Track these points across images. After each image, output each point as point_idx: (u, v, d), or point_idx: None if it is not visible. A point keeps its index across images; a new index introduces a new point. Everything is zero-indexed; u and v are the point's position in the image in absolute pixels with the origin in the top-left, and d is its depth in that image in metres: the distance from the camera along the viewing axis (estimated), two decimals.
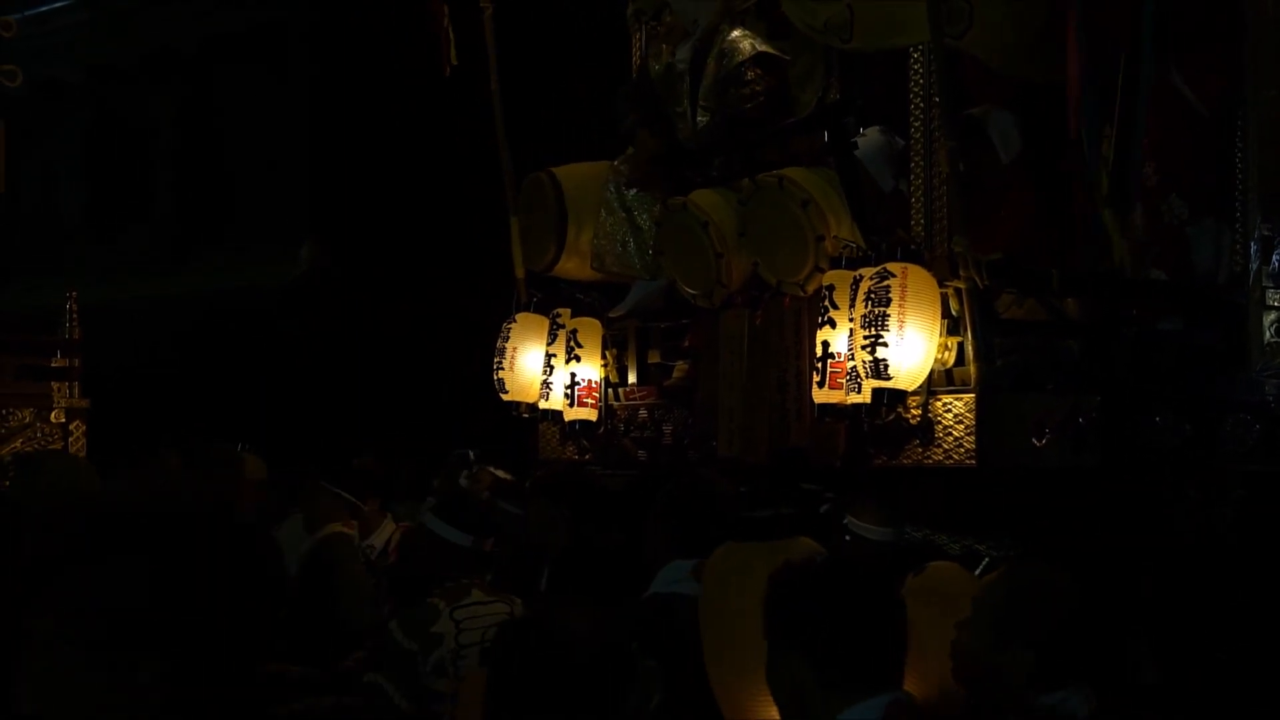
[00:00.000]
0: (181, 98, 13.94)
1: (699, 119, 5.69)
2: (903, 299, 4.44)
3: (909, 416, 4.64)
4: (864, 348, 4.48)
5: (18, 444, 6.22)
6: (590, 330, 5.91)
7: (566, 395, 5.89)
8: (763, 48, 5.51)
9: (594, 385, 5.88)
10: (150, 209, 14.24)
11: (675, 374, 5.82)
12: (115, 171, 14.50)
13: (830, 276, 4.80)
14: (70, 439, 6.35)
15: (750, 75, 5.49)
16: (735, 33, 5.56)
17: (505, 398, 6.22)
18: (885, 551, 4.20)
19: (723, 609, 3.33)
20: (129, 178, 14.38)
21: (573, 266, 6.22)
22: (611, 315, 6.07)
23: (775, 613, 2.34)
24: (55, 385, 6.40)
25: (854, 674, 2.26)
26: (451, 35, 6.42)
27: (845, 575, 2.42)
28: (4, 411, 6.24)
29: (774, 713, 2.81)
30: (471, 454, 6.20)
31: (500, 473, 6.16)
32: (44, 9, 13.78)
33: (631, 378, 5.95)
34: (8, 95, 7.35)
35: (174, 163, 14.03)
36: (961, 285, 4.54)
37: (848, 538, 4.18)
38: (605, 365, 5.92)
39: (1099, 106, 4.75)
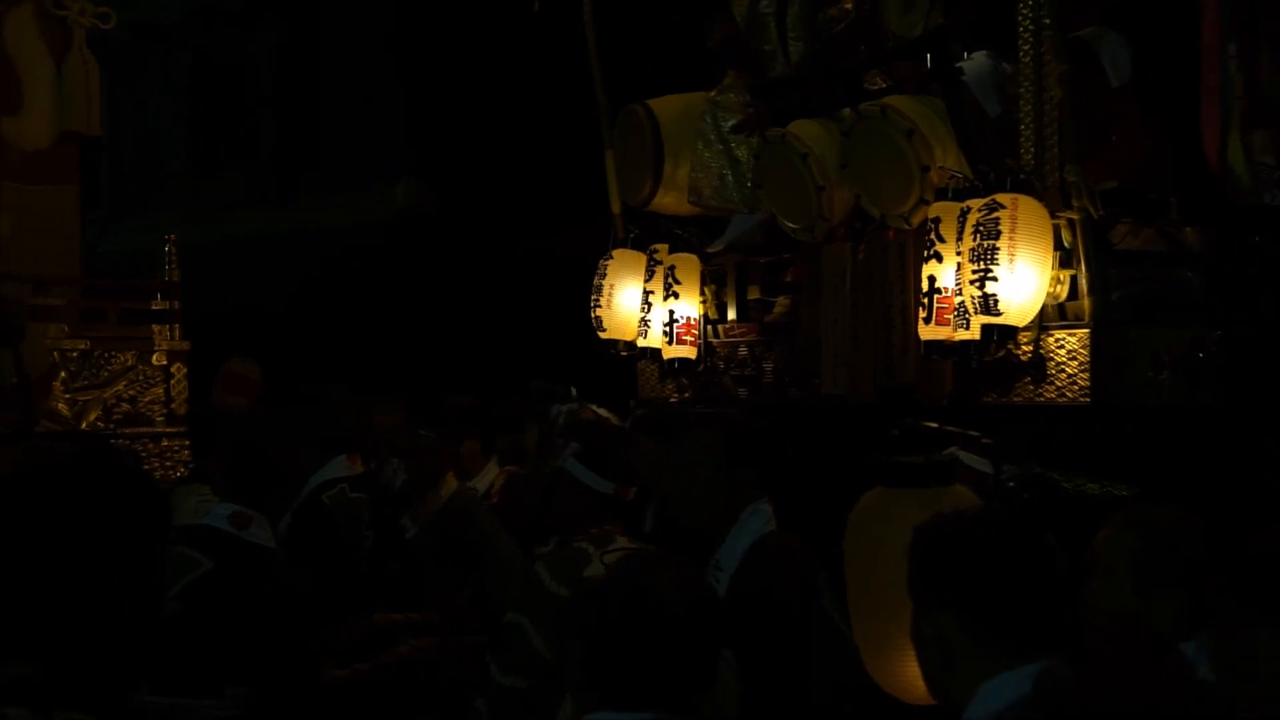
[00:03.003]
0: (278, 38, 13.98)
1: (791, 51, 5.54)
2: (1013, 231, 4.28)
3: (1020, 353, 4.49)
4: (973, 282, 4.34)
5: (120, 386, 6.27)
6: (688, 266, 5.81)
7: (665, 333, 5.80)
8: None
9: (693, 322, 5.78)
10: (251, 149, 14.34)
11: (776, 310, 5.70)
12: (215, 113, 14.61)
13: (936, 208, 4.64)
14: (172, 381, 6.39)
15: None
16: None
17: (603, 335, 6.15)
18: (1032, 499, 4.05)
19: (867, 558, 3.24)
20: (229, 119, 14.49)
21: (670, 201, 6.11)
22: (710, 250, 5.96)
23: (921, 567, 2.22)
24: (156, 328, 6.43)
25: (1006, 634, 2.12)
26: None
27: (1002, 528, 2.27)
28: (108, 355, 6.29)
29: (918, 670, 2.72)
30: (573, 390, 6.13)
31: (602, 411, 6.09)
32: None
33: (731, 314, 5.84)
34: (105, 38, 7.35)
35: (273, 103, 14.10)
36: (1075, 216, 4.38)
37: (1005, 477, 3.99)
38: (704, 302, 5.81)
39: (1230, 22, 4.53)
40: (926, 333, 4.64)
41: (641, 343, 5.95)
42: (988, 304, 4.31)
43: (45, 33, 6.79)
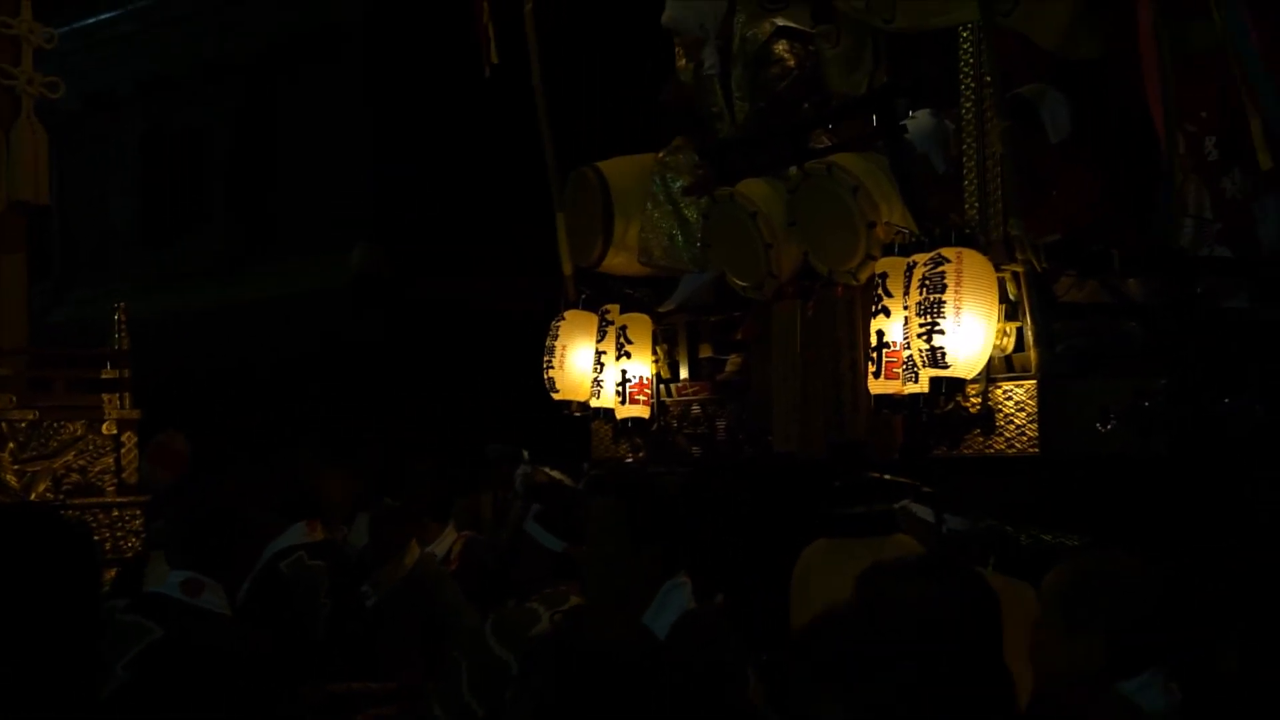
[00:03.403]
0: (233, 106, 13.96)
1: (737, 111, 5.61)
2: (959, 284, 4.33)
3: (968, 405, 4.53)
4: (920, 335, 4.37)
5: (70, 456, 6.19)
6: (640, 326, 5.82)
7: (618, 392, 5.81)
8: (783, 23, 5.45)
9: (645, 381, 5.79)
10: (204, 218, 14.28)
11: (728, 368, 5.72)
12: (169, 182, 14.55)
13: (883, 264, 4.69)
14: (122, 450, 6.31)
15: (777, 51, 5.43)
16: (751, 17, 5.50)
17: (556, 397, 6.14)
18: (971, 543, 4.06)
19: (812, 608, 3.23)
20: (182, 188, 14.43)
21: (620, 261, 6.14)
22: (661, 310, 5.98)
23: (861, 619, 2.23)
24: (106, 397, 6.37)
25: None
26: (492, 33, 6.36)
27: (940, 573, 2.29)
28: (56, 424, 6.22)
29: None
30: (525, 454, 6.12)
31: (555, 472, 6.08)
32: (90, 21, 13.83)
33: (683, 373, 5.85)
34: (55, 108, 7.34)
35: (227, 171, 14.05)
36: (1019, 269, 4.43)
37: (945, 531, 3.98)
38: (656, 361, 5.82)
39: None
40: (876, 387, 4.67)
41: (595, 403, 5.95)
42: (935, 357, 4.35)
43: None
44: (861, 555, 2.95)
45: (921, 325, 4.37)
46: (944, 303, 4.33)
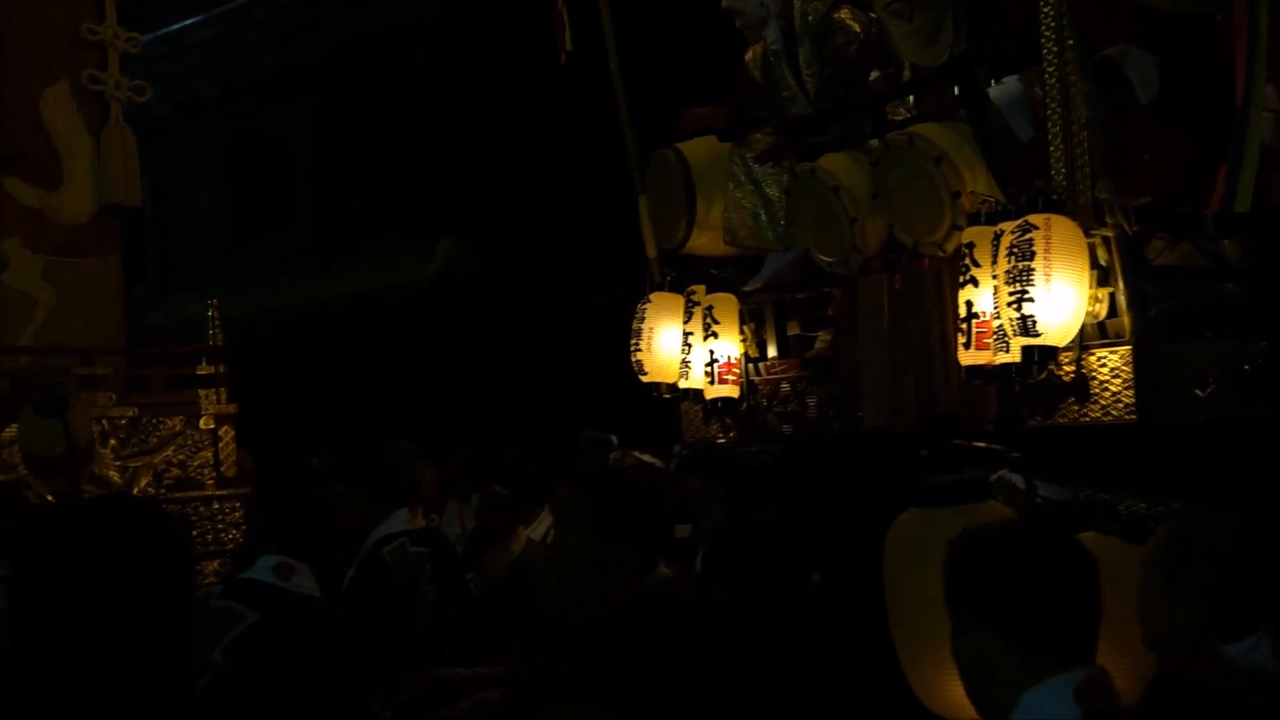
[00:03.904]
0: (313, 107, 14.15)
1: (808, 87, 5.57)
2: (1047, 251, 4.27)
3: (1062, 373, 4.46)
4: (1010, 304, 4.32)
5: (170, 451, 6.30)
6: (726, 306, 5.81)
7: (706, 373, 5.80)
8: None
9: (733, 361, 5.78)
10: (290, 218, 14.48)
11: (816, 345, 5.69)
12: (255, 183, 14.78)
13: (969, 233, 4.63)
14: (220, 444, 6.41)
15: (840, 19, 5.39)
16: None
17: (644, 379, 6.15)
18: (1067, 513, 4.01)
19: (905, 579, 3.21)
20: (267, 190, 14.65)
21: (704, 242, 6.13)
22: (747, 289, 5.97)
23: (957, 581, 2.19)
24: (202, 393, 6.47)
25: (1046, 644, 2.10)
26: (566, 20, 6.37)
27: (1037, 537, 2.26)
28: (155, 421, 6.32)
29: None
30: (614, 439, 6.15)
31: (645, 456, 6.10)
32: (175, 27, 14.06)
33: (771, 351, 5.83)
34: (144, 113, 7.46)
35: (308, 172, 14.25)
36: (1109, 233, 4.36)
37: (1038, 499, 3.93)
38: (744, 340, 5.81)
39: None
40: (967, 358, 4.62)
41: (683, 384, 5.95)
42: (1026, 325, 4.29)
43: (82, 107, 6.89)
44: (952, 523, 2.92)
45: (1011, 294, 4.31)
46: (1033, 270, 4.27)
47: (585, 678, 2.19)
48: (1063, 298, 4.28)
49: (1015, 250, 4.31)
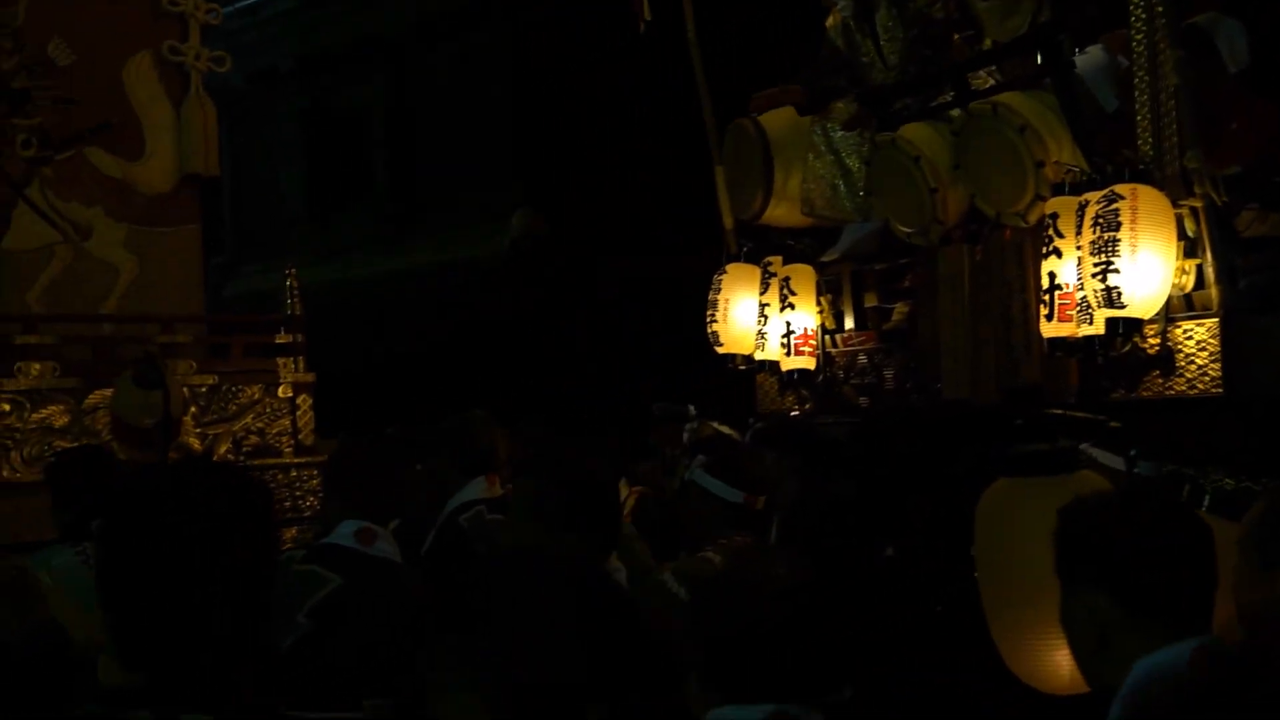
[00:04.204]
0: (389, 79, 14.19)
1: (887, 53, 5.51)
2: (1134, 222, 4.20)
3: (1146, 346, 4.40)
4: (1094, 275, 4.26)
5: (249, 419, 6.38)
6: (803, 277, 5.77)
7: (783, 344, 5.77)
8: None
9: (810, 333, 5.75)
10: (366, 190, 14.55)
11: (894, 317, 5.65)
12: (331, 156, 14.86)
13: (1053, 204, 4.57)
14: (298, 413, 6.49)
15: None
16: None
17: (720, 350, 6.13)
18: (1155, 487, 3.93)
19: (997, 549, 3.16)
20: (344, 162, 14.72)
21: (781, 213, 6.09)
22: (824, 260, 5.92)
23: (1071, 545, 2.16)
24: (281, 361, 6.55)
25: (1162, 610, 2.06)
26: None
27: (1152, 503, 2.22)
28: (235, 389, 6.41)
29: (1060, 657, 2.66)
30: (692, 409, 6.12)
31: (722, 427, 6.07)
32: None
33: (849, 323, 5.79)
34: (223, 85, 7.54)
35: (385, 144, 14.30)
36: (1197, 203, 4.29)
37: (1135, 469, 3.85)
38: (821, 312, 5.77)
39: None
40: (1049, 330, 4.56)
41: (759, 355, 5.93)
42: (1111, 297, 4.23)
43: (163, 78, 6.97)
44: (1045, 493, 2.87)
45: (1096, 265, 4.25)
46: (1119, 241, 4.21)
47: None
48: (1149, 269, 4.21)
49: (1100, 221, 4.24)
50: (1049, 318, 4.54)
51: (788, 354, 5.77)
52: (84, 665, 2.86)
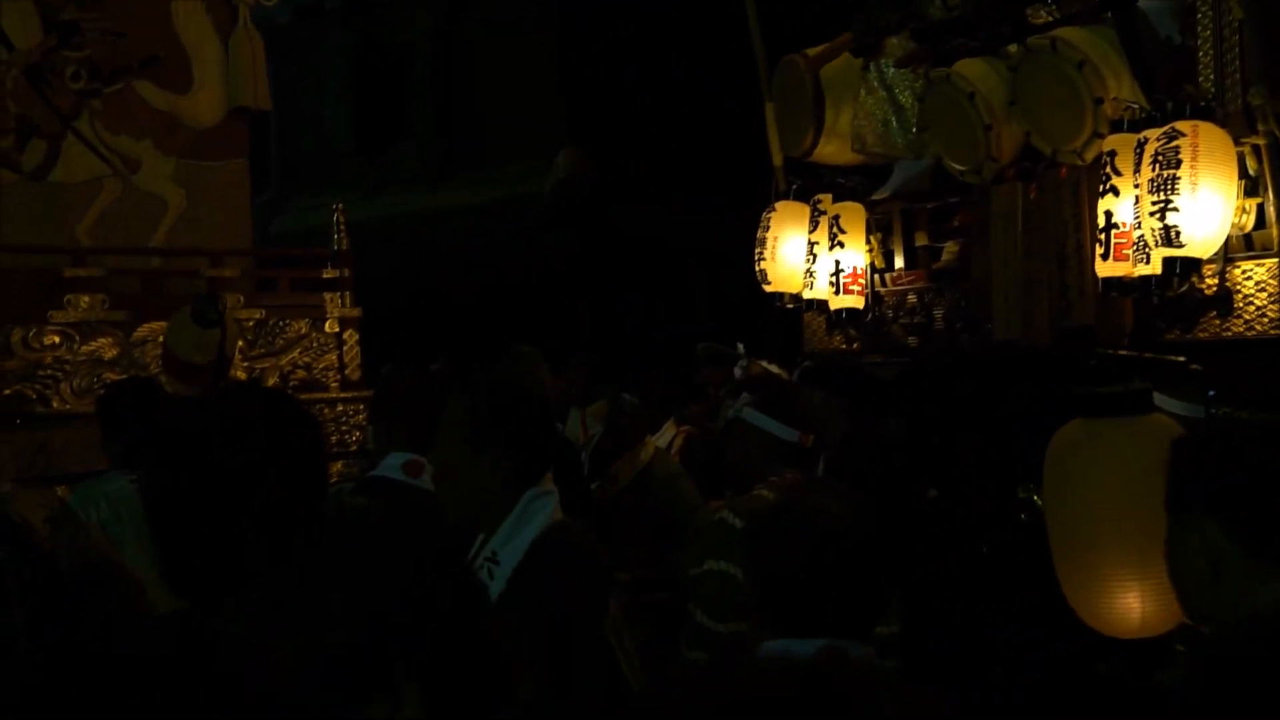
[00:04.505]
0: (436, 16, 14.13)
1: None
2: (1194, 159, 4.11)
3: (1204, 286, 4.32)
4: (1152, 214, 4.18)
5: (295, 353, 6.40)
6: (853, 215, 5.71)
7: (831, 283, 5.72)
8: None
9: (859, 271, 5.69)
10: (412, 128, 14.53)
11: (944, 256, 5.58)
12: (378, 93, 14.84)
13: (1111, 141, 4.48)
14: (345, 347, 6.50)
15: None
16: None
17: (768, 289, 6.08)
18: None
19: (1068, 490, 3.11)
20: (391, 99, 14.70)
21: (832, 150, 6.02)
22: (874, 198, 5.85)
23: (1186, 475, 2.11)
24: (328, 296, 6.55)
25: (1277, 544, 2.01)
26: None
27: (1269, 433, 2.16)
28: (282, 323, 6.42)
29: (1131, 599, 2.62)
30: (741, 347, 6.09)
31: (771, 366, 6.04)
32: None
33: (898, 262, 5.73)
34: (270, 21, 7.51)
35: (432, 82, 14.27)
36: (1260, 141, 4.19)
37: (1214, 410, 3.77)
38: (870, 250, 5.71)
39: None
40: (1104, 269, 4.49)
41: (807, 294, 5.87)
42: (1169, 236, 4.15)
43: (211, 12, 6.95)
44: (1119, 435, 2.83)
45: (1154, 203, 4.17)
46: (1178, 179, 4.12)
47: None
48: (1209, 208, 4.13)
49: (1160, 158, 4.16)
50: (1104, 257, 4.47)
51: (836, 293, 5.72)
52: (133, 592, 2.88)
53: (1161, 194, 4.15)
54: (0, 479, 4.74)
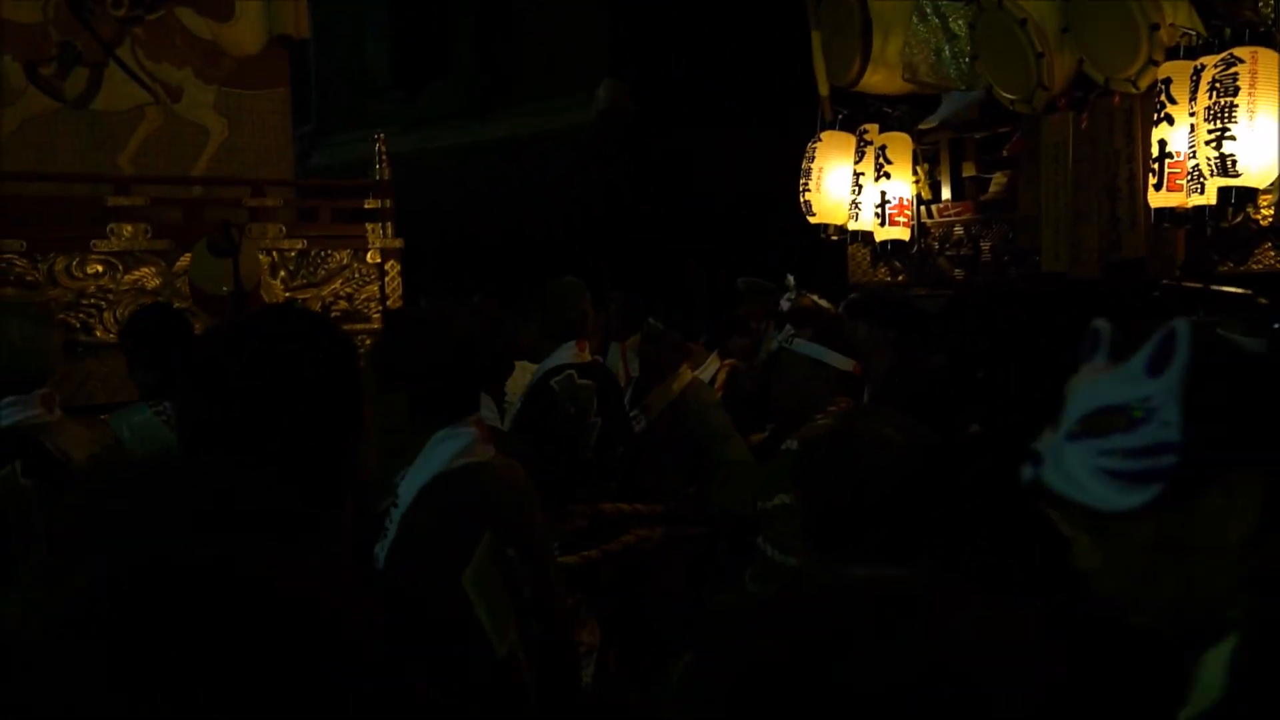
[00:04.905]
0: None
1: None
2: (1253, 86, 4.03)
3: (1259, 217, 4.24)
4: (1208, 143, 4.10)
5: (337, 284, 6.38)
6: (900, 145, 5.63)
7: (877, 214, 5.65)
8: None
9: (906, 203, 5.62)
10: (453, 61, 14.45)
11: (993, 187, 5.50)
12: (418, 26, 14.74)
13: (1167, 69, 4.39)
14: (386, 279, 6.48)
15: None
16: None
17: (813, 220, 6.02)
18: None
19: None
20: (432, 31, 14.61)
21: (879, 80, 5.92)
22: (922, 128, 5.77)
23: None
24: (369, 227, 6.52)
25: None
26: None
27: None
28: (324, 254, 6.40)
29: None
30: (791, 279, 6.03)
31: (820, 300, 5.99)
32: None
33: (945, 193, 5.65)
34: None
35: (474, 12, 14.16)
36: None
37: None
38: (917, 181, 5.64)
39: None
40: (1157, 200, 4.41)
41: (852, 226, 5.81)
42: (1225, 165, 4.07)
43: None
44: None
45: (1210, 132, 4.09)
46: (1236, 106, 4.03)
47: None
48: (1266, 136, 4.05)
49: (1217, 85, 4.07)
50: (1157, 187, 4.39)
51: (882, 224, 5.65)
52: None
53: (1218, 122, 4.07)
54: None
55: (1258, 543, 1.42)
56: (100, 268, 5.97)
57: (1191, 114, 4.20)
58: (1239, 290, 3.65)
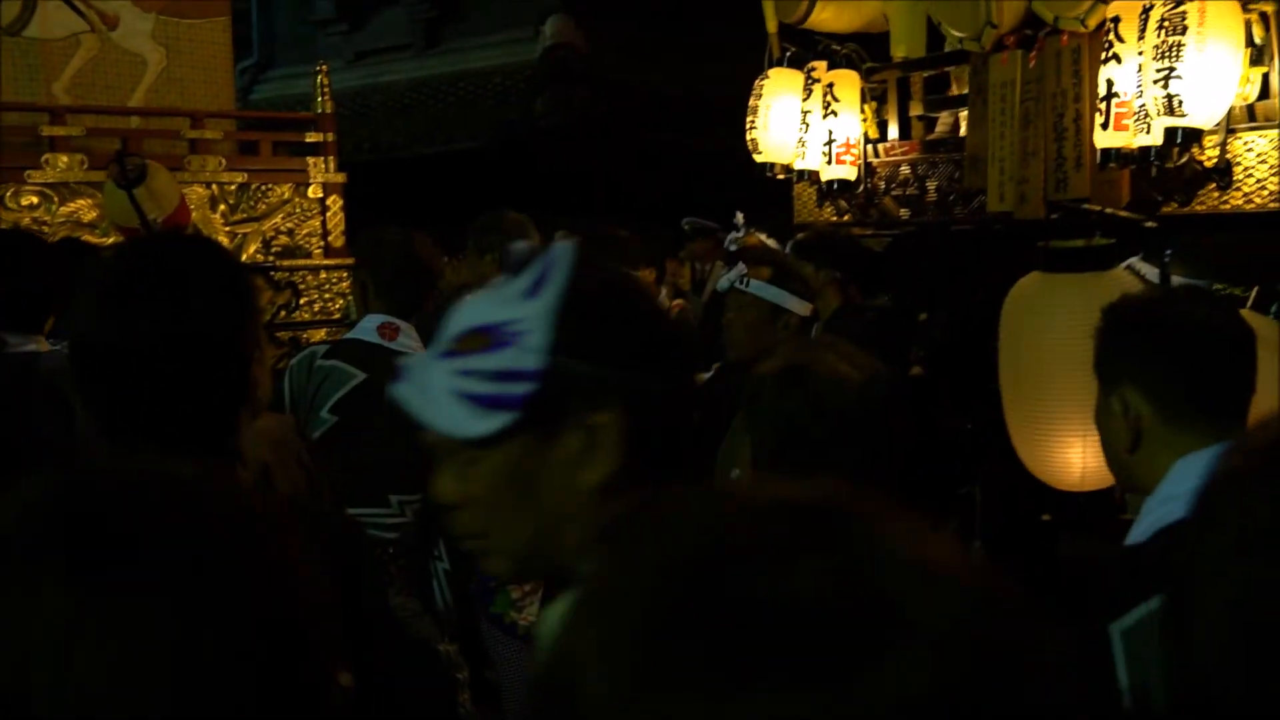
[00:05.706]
0: None
1: None
2: (1201, 25, 4.01)
3: (1203, 158, 4.24)
4: (1155, 82, 4.08)
5: (278, 219, 6.28)
6: (847, 83, 5.60)
7: (823, 153, 5.62)
8: None
9: (852, 142, 5.59)
10: None
11: (939, 126, 5.49)
12: None
13: (1115, 7, 4.37)
14: (328, 214, 6.38)
15: None
16: None
17: (759, 158, 5.99)
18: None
19: (1021, 341, 3.08)
20: None
21: (828, 17, 5.88)
22: (869, 66, 5.73)
23: (1112, 339, 2.07)
24: (311, 161, 6.42)
25: (1198, 412, 1.97)
26: None
27: (1201, 302, 2.12)
28: (264, 187, 6.30)
29: (1072, 454, 2.60)
30: (740, 216, 6.01)
31: (768, 238, 5.97)
32: None
33: (892, 132, 5.63)
34: None
35: None
36: (1268, 8, 4.08)
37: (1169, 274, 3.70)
38: (864, 120, 5.61)
39: None
40: (1103, 140, 4.40)
41: (799, 165, 5.78)
42: (1171, 105, 4.06)
43: None
44: (1077, 290, 2.79)
45: (1158, 71, 4.07)
46: (1184, 45, 4.02)
47: None
48: (1214, 76, 4.03)
49: (1166, 24, 4.05)
50: (1104, 127, 4.38)
51: (828, 163, 5.63)
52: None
53: (1166, 61, 4.05)
54: None
55: (614, 492, 1.29)
56: (35, 199, 5.85)
57: (1139, 54, 4.19)
58: (1130, 214, 3.67)
